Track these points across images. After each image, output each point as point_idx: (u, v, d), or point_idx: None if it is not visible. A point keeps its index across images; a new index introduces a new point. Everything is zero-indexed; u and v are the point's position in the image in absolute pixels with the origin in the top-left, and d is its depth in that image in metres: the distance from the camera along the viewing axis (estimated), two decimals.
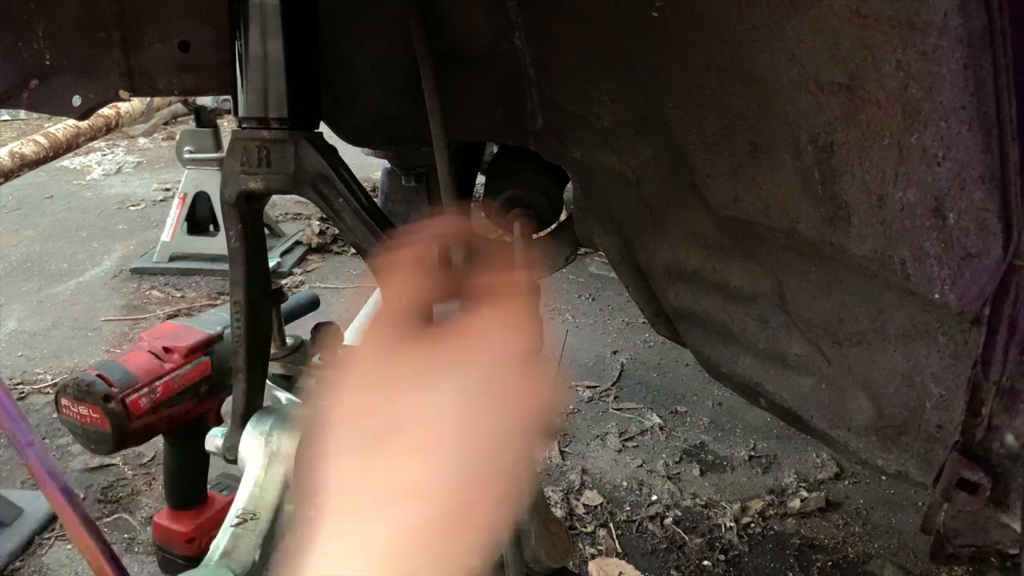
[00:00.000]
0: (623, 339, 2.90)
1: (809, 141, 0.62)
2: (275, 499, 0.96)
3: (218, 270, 3.49)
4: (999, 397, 0.58)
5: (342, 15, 0.93)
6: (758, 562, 1.83)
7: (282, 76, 0.84)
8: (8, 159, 2.57)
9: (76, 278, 3.53)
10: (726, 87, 0.70)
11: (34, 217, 4.36)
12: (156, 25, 0.95)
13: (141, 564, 1.82)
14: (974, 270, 0.55)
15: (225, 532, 0.96)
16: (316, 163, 0.85)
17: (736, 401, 2.43)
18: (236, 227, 0.90)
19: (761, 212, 0.73)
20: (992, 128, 0.52)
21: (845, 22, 0.55)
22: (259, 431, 0.98)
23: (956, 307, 0.57)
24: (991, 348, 0.57)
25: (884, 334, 0.68)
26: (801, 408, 0.82)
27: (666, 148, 0.85)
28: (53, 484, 1.41)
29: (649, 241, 1.01)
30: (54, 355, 2.81)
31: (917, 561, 1.82)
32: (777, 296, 0.81)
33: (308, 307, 1.77)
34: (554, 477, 2.15)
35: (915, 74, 0.53)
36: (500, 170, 1.38)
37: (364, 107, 1.00)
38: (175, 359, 1.49)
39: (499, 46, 0.92)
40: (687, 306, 0.99)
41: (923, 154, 0.55)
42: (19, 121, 6.85)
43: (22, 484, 2.09)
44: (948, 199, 0.55)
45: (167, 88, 0.98)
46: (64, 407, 1.40)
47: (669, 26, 0.71)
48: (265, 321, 0.99)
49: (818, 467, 2.15)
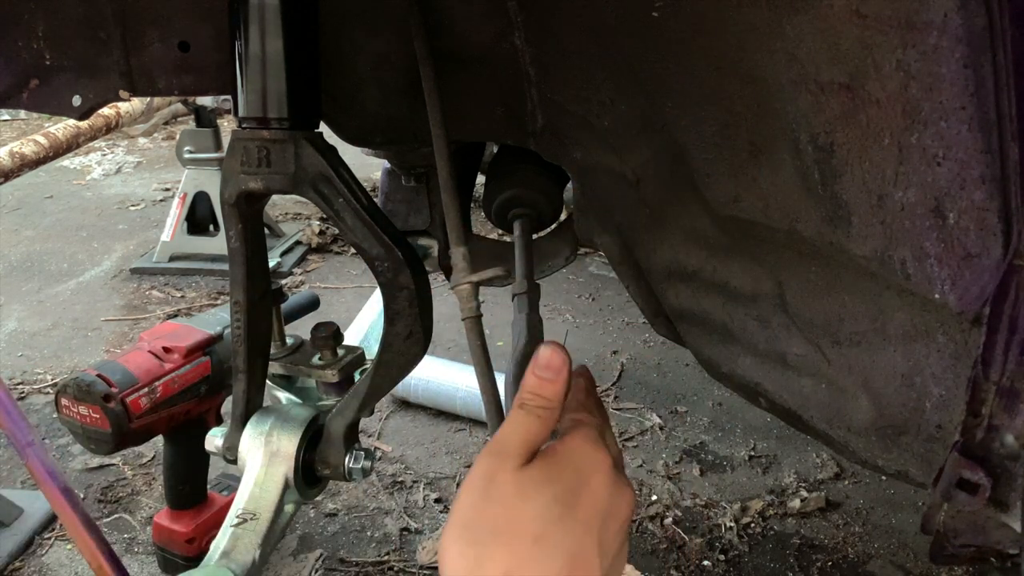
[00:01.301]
0: (623, 339, 2.90)
1: (809, 141, 0.62)
2: (275, 499, 0.96)
3: (218, 270, 3.49)
4: (999, 397, 0.58)
5: (342, 15, 0.93)
6: (758, 562, 1.83)
7: (282, 76, 0.84)
8: (8, 159, 2.56)
9: (76, 278, 3.53)
10: (726, 87, 0.70)
11: (34, 217, 4.37)
12: (156, 25, 0.95)
13: (141, 564, 1.82)
14: (974, 270, 0.55)
15: (225, 532, 0.96)
16: (316, 163, 0.85)
17: (736, 401, 2.43)
18: (236, 227, 0.90)
19: (761, 212, 0.73)
20: (992, 128, 0.52)
21: (845, 22, 0.55)
22: (259, 431, 0.98)
23: (956, 307, 0.57)
24: (991, 348, 0.57)
25: (884, 334, 0.68)
26: (801, 408, 0.82)
27: (666, 148, 0.85)
28: (53, 484, 1.42)
29: (649, 241, 1.01)
30: (54, 355, 2.81)
31: (917, 561, 1.82)
32: (777, 296, 0.81)
33: (308, 307, 1.77)
34: None
35: (915, 74, 0.53)
36: (500, 170, 1.38)
37: (364, 107, 1.00)
38: (175, 359, 1.49)
39: (499, 46, 0.92)
40: (687, 306, 0.99)
41: (923, 154, 0.55)
42: (19, 121, 6.85)
43: (22, 484, 2.09)
44: (948, 199, 0.55)
45: (167, 88, 0.98)
46: (64, 407, 1.40)
47: (669, 26, 0.71)
48: (265, 321, 0.99)
49: (818, 467, 2.15)
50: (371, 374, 0.94)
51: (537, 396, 0.59)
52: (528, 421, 0.59)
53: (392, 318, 0.89)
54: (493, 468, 0.57)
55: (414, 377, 2.34)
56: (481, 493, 0.56)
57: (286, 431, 0.97)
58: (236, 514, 0.97)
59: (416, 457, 2.22)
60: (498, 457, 0.57)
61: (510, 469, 0.56)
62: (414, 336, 0.90)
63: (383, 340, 0.91)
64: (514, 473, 0.56)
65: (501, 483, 0.56)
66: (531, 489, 0.55)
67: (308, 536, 1.91)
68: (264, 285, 0.97)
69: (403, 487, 2.09)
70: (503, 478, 0.56)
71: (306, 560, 1.83)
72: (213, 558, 0.94)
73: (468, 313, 0.86)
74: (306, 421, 0.98)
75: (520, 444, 0.58)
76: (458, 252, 0.88)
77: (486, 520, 0.55)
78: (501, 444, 0.58)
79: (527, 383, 0.60)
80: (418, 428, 2.36)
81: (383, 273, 0.87)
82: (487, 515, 0.55)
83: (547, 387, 0.60)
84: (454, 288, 0.86)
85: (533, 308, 1.16)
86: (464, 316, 0.86)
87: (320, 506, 2.01)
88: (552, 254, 1.41)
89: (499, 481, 0.56)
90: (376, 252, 0.86)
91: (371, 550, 1.87)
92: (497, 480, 0.56)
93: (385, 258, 0.86)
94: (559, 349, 0.61)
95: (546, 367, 0.60)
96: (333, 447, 0.97)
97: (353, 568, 1.82)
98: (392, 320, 0.90)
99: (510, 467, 0.56)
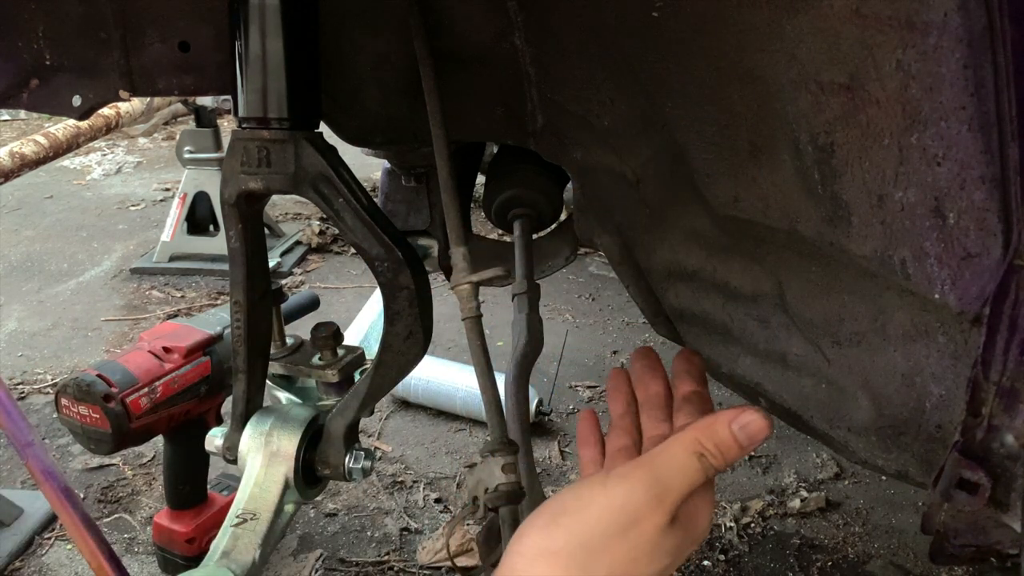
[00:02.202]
0: (623, 339, 2.90)
1: (809, 141, 0.62)
2: (275, 499, 0.96)
3: (218, 270, 3.49)
4: (999, 397, 0.58)
5: (342, 15, 0.93)
6: (758, 562, 1.83)
7: (282, 76, 0.84)
8: (8, 159, 2.56)
9: (76, 278, 3.53)
10: (726, 87, 0.70)
11: (34, 217, 4.36)
12: (156, 25, 0.94)
13: (141, 564, 1.82)
14: (974, 270, 0.55)
15: (225, 532, 0.96)
16: (316, 163, 0.85)
17: (736, 401, 2.42)
18: (236, 227, 0.90)
19: (761, 212, 0.73)
20: (992, 128, 0.52)
21: (845, 22, 0.55)
22: (259, 431, 0.98)
23: (956, 307, 0.57)
24: (991, 348, 0.57)
25: (884, 334, 0.68)
26: (801, 408, 0.82)
27: (666, 148, 0.85)
28: (53, 484, 1.42)
29: (649, 241, 1.01)
30: (54, 355, 2.81)
31: (917, 561, 1.82)
32: (777, 296, 0.81)
33: (308, 307, 1.77)
34: (554, 477, 2.15)
35: (915, 74, 0.53)
36: (500, 170, 1.38)
37: (364, 107, 1.00)
38: (175, 359, 1.49)
39: (499, 46, 0.92)
40: (687, 306, 0.99)
41: (923, 154, 0.55)
42: (19, 121, 6.85)
43: (22, 484, 2.09)
44: (948, 199, 0.55)
45: (167, 88, 0.98)
46: (64, 407, 1.40)
47: (669, 26, 0.71)
48: (265, 321, 0.99)
49: (818, 467, 2.15)
50: (371, 374, 0.94)
51: (720, 456, 0.56)
52: (698, 474, 0.56)
53: (392, 318, 0.89)
54: (645, 511, 0.54)
55: (414, 377, 2.34)
56: (620, 529, 0.54)
57: (286, 431, 0.97)
58: (236, 514, 0.96)
59: (416, 457, 2.22)
60: (654, 501, 0.55)
61: (660, 525, 0.54)
62: (414, 336, 0.90)
63: (383, 340, 0.91)
64: (660, 531, 0.54)
65: (645, 534, 0.54)
66: (663, 555, 0.54)
67: (308, 536, 1.91)
68: (264, 285, 0.97)
69: (403, 487, 2.09)
70: (648, 530, 0.54)
71: (306, 560, 1.83)
72: (213, 558, 0.94)
73: (468, 313, 0.86)
74: (306, 421, 0.98)
75: (680, 497, 0.55)
76: (458, 252, 0.88)
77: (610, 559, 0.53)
78: (662, 487, 0.55)
79: (719, 434, 0.56)
80: (418, 428, 2.36)
81: (383, 273, 0.87)
82: (614, 555, 0.54)
83: (735, 452, 0.56)
84: (454, 288, 0.86)
85: (533, 308, 1.16)
86: (464, 316, 0.86)
87: (320, 506, 2.01)
88: (552, 254, 1.41)
89: (644, 530, 0.54)
90: (376, 252, 0.86)
91: (371, 550, 1.87)
92: (643, 527, 0.54)
93: (385, 258, 0.86)
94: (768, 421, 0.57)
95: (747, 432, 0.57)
96: (333, 447, 0.97)
97: (353, 568, 1.82)
98: (392, 320, 0.90)
99: (661, 522, 0.54)
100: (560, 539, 0.54)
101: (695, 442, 0.56)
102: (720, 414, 0.58)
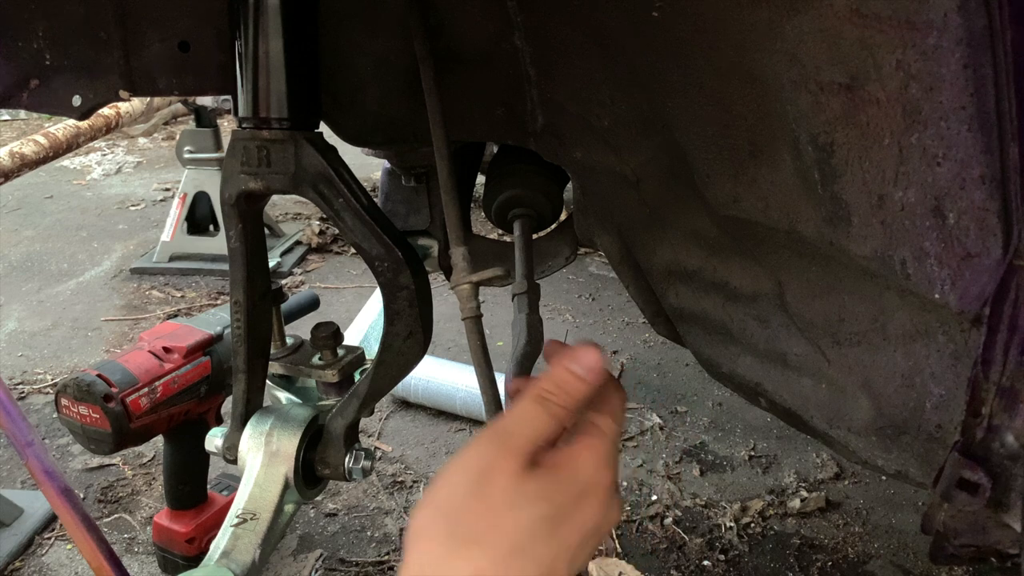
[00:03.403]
0: (623, 339, 2.90)
1: (809, 141, 0.62)
2: (275, 499, 0.96)
3: (218, 270, 3.49)
4: (999, 397, 0.58)
5: (342, 15, 0.93)
6: (758, 562, 1.83)
7: (282, 76, 0.84)
8: (8, 159, 2.56)
9: (76, 278, 3.53)
10: (726, 87, 0.70)
11: (34, 217, 4.37)
12: (156, 25, 0.94)
13: (141, 564, 1.82)
14: (974, 270, 0.55)
15: (225, 532, 0.96)
16: (316, 163, 0.85)
17: (736, 401, 2.43)
18: (236, 227, 0.90)
19: (761, 212, 0.73)
20: (992, 128, 0.52)
21: (845, 22, 0.55)
22: (259, 431, 0.98)
23: (956, 307, 0.57)
24: (991, 348, 0.57)
25: (884, 334, 0.68)
26: (801, 408, 0.82)
27: (666, 148, 0.85)
28: (53, 484, 1.41)
29: (649, 241, 1.01)
30: (54, 355, 2.81)
31: (917, 561, 1.82)
32: (777, 296, 0.81)
33: (308, 307, 1.77)
34: None
35: (915, 74, 0.53)
36: (500, 170, 1.38)
37: (364, 107, 1.00)
38: (175, 359, 1.49)
39: (499, 46, 0.92)
40: (687, 306, 0.99)
41: (923, 154, 0.55)
42: (19, 121, 6.85)
43: (22, 484, 2.09)
44: (948, 199, 0.55)
45: (167, 88, 0.98)
46: (64, 407, 1.40)
47: (669, 26, 0.71)
48: (265, 321, 0.99)
49: (818, 467, 2.15)
50: (371, 374, 0.94)
51: (561, 392, 0.56)
52: (542, 417, 0.55)
53: (392, 318, 0.90)
54: (492, 462, 0.53)
55: (414, 377, 2.34)
56: (473, 486, 0.53)
57: (286, 431, 0.97)
58: (236, 514, 0.96)
59: (416, 457, 2.22)
60: (501, 450, 0.54)
61: (510, 471, 0.53)
62: (414, 336, 0.90)
63: (383, 340, 0.91)
64: (513, 478, 0.53)
65: (496, 484, 0.52)
66: (524, 501, 0.52)
67: (308, 536, 1.91)
68: (264, 285, 0.97)
69: (403, 487, 2.09)
70: (500, 480, 0.53)
71: (306, 560, 1.83)
72: (213, 558, 0.94)
73: (468, 313, 0.86)
74: (306, 421, 0.98)
75: (527, 441, 0.54)
76: (458, 252, 0.88)
77: (470, 517, 0.52)
78: (506, 435, 0.54)
79: (554, 375, 0.56)
80: (418, 428, 2.36)
81: (383, 273, 0.87)
82: (473, 512, 0.52)
83: (574, 385, 0.56)
84: (454, 288, 0.86)
85: (533, 308, 1.16)
86: (464, 316, 0.86)
87: (320, 506, 2.01)
88: (552, 254, 1.41)
89: (495, 480, 0.53)
90: (376, 252, 0.86)
91: (371, 550, 1.87)
92: (493, 478, 0.53)
93: (385, 258, 0.86)
94: (599, 351, 0.57)
95: (580, 364, 0.56)
96: (333, 447, 0.97)
97: (353, 568, 1.82)
98: (392, 320, 0.90)
99: (510, 468, 0.53)
100: (428, 515, 0.54)
101: (536, 389, 0.56)
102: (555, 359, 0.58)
